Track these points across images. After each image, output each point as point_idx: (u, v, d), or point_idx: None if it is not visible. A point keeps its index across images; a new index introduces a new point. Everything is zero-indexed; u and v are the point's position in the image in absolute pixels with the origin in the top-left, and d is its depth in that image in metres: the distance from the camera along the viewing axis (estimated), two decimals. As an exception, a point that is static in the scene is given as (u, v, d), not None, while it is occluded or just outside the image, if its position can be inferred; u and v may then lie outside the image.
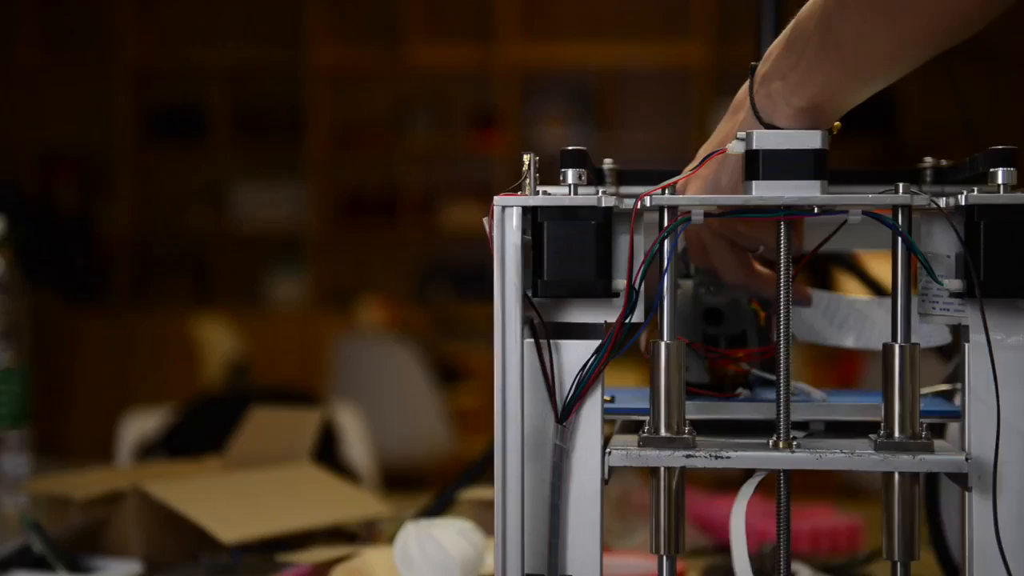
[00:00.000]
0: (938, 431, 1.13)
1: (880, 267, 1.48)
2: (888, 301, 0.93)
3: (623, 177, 1.17)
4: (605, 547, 1.55)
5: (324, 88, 6.69)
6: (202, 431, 2.33)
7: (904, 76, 0.97)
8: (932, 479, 1.21)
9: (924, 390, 1.13)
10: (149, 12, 6.78)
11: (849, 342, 1.15)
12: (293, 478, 1.64)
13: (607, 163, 1.17)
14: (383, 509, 1.62)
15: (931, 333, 1.07)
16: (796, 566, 1.36)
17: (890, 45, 0.93)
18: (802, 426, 1.04)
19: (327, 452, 2.88)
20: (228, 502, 1.54)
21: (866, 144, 6.15)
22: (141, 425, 2.66)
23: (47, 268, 6.49)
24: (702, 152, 1.03)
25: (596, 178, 1.15)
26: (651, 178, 1.01)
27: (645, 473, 1.75)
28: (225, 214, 6.83)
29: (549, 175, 0.97)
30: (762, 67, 1.01)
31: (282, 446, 1.71)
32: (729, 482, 2.05)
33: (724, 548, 1.53)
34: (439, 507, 1.46)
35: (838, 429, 1.03)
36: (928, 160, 1.16)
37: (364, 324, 6.03)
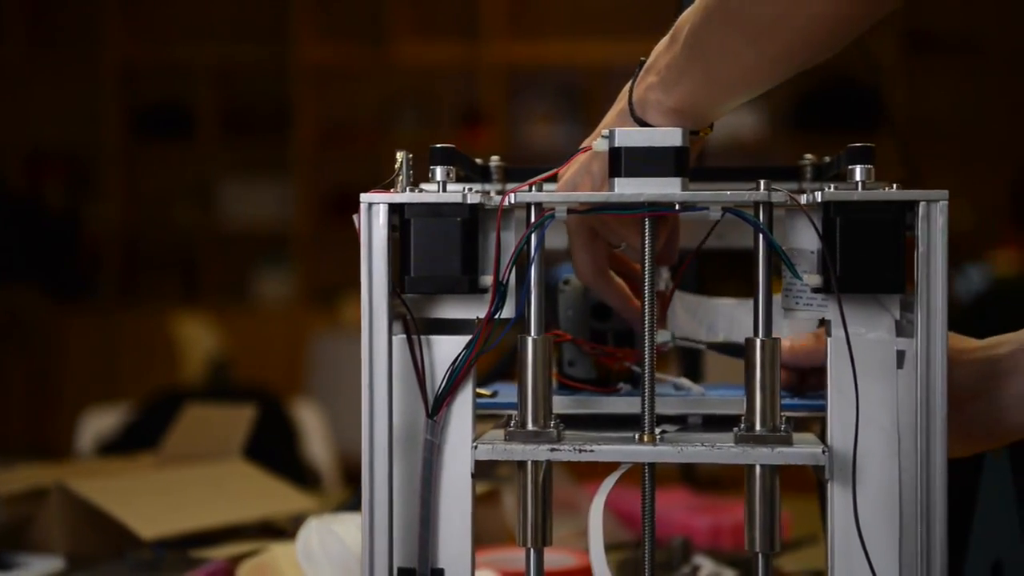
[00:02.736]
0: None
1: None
2: (751, 302, 0.94)
3: (511, 174, 1.18)
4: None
5: (310, 86, 6.69)
6: (160, 428, 2.34)
7: (894, 73, 0.99)
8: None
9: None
10: (136, 10, 6.78)
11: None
12: (222, 474, 1.66)
13: (493, 160, 1.18)
14: (309, 504, 1.63)
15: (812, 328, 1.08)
16: (699, 559, 1.37)
17: (751, 62, 0.96)
18: (680, 420, 1.05)
19: (288, 450, 2.89)
20: (152, 499, 1.55)
21: (853, 140, 6.15)
22: (99, 423, 2.68)
23: (34, 266, 6.51)
24: (585, 143, 1.04)
25: (482, 175, 1.16)
26: (538, 174, 1.02)
27: (565, 467, 1.75)
28: (212, 212, 6.83)
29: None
30: (648, 61, 1.02)
31: (215, 443, 1.72)
32: (666, 476, 2.06)
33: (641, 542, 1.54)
34: (359, 502, 1.46)
35: (716, 423, 1.04)
36: (808, 157, 1.17)
37: (349, 322, 6.03)
